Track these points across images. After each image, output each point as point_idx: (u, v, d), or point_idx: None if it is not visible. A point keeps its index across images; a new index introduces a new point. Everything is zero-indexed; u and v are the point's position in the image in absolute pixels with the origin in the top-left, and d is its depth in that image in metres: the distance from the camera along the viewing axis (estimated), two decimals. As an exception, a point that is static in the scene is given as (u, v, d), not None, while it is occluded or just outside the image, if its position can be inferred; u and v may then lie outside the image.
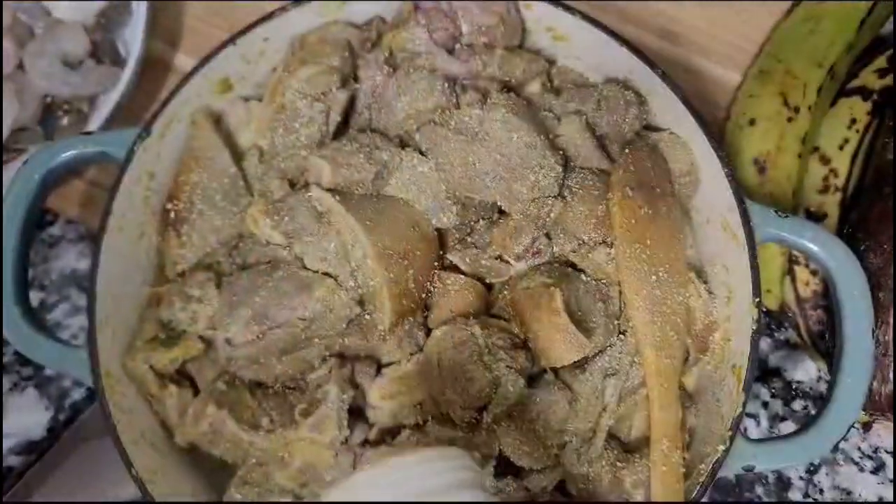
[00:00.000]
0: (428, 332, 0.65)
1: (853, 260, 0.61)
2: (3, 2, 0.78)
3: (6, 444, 0.77)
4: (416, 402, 0.63)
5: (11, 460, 0.76)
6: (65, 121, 0.79)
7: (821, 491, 0.75)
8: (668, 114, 0.67)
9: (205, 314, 0.64)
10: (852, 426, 0.59)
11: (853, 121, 0.75)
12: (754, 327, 0.60)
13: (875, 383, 0.65)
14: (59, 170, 0.65)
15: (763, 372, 0.78)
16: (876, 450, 0.76)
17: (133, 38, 0.78)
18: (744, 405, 0.59)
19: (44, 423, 0.78)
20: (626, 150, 0.65)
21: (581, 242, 0.64)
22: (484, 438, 0.61)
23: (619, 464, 0.62)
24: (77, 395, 0.79)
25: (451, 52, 0.68)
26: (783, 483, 0.76)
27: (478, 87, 0.67)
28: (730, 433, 0.58)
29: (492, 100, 0.64)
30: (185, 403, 0.64)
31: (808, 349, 0.75)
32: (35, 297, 0.80)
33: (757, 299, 0.60)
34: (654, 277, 0.61)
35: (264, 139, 0.68)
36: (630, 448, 0.64)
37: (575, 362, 0.62)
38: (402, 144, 0.66)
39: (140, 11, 0.78)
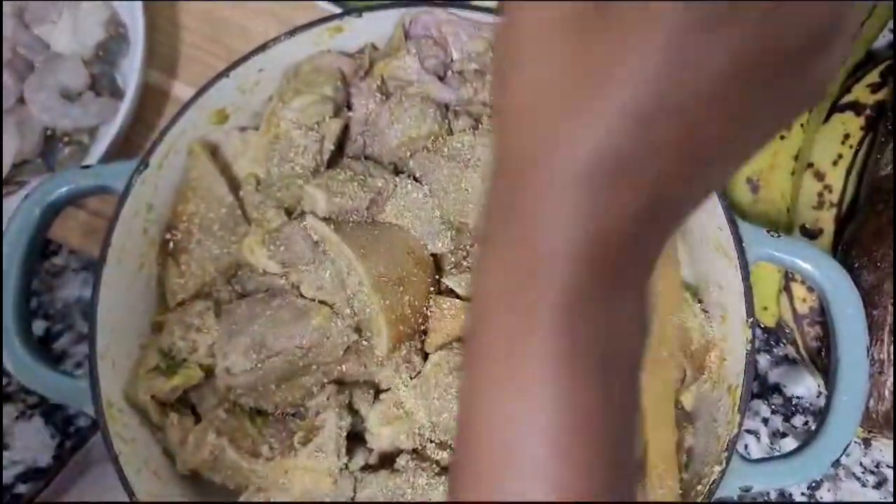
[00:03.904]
0: (425, 356, 0.65)
1: (847, 278, 0.61)
2: (3, 36, 0.79)
3: (13, 471, 0.78)
4: (415, 427, 0.63)
5: (19, 488, 0.77)
6: (66, 152, 0.79)
7: (823, 507, 0.75)
8: (659, 135, 0.67)
9: (204, 343, 0.65)
10: (850, 444, 0.59)
11: (846, 136, 0.75)
12: (748, 347, 0.60)
13: (871, 401, 0.65)
14: (58, 203, 0.66)
15: (762, 388, 0.78)
16: (878, 465, 0.75)
17: (131, 70, 0.78)
18: (739, 425, 0.59)
19: (50, 450, 0.78)
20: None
21: (574, 266, 0.65)
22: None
23: (616, 486, 0.62)
24: (83, 422, 0.79)
25: (442, 79, 0.69)
26: (784, 499, 0.76)
27: (470, 112, 0.67)
28: (726, 454, 0.58)
29: (483, 126, 0.65)
30: (187, 431, 0.64)
31: (807, 365, 0.74)
32: (40, 326, 0.81)
33: (750, 319, 0.60)
34: (646, 300, 0.61)
35: (260, 168, 0.69)
36: (628, 469, 0.64)
37: (571, 385, 0.62)
38: (397, 171, 0.67)
39: (138, 43, 0.79)
